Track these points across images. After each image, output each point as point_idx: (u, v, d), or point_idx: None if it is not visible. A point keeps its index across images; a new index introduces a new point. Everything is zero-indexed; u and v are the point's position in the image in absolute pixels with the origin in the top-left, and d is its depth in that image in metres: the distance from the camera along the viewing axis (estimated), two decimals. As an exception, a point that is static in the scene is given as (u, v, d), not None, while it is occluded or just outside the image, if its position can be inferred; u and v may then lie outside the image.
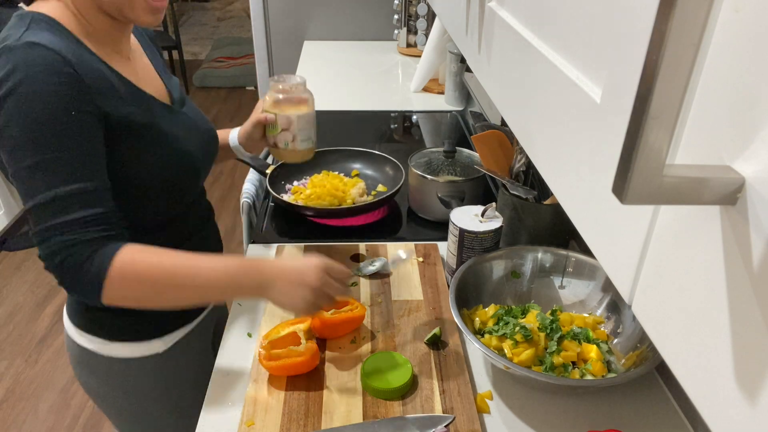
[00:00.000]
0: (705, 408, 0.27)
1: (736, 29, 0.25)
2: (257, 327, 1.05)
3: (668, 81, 0.22)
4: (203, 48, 5.95)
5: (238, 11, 6.97)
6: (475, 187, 1.32)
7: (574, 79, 0.40)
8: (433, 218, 1.35)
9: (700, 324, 0.27)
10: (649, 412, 0.89)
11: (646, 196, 0.24)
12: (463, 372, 0.93)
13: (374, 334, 1.02)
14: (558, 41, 0.45)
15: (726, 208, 0.25)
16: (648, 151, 0.23)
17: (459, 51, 1.93)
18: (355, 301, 1.03)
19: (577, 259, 1.05)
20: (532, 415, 0.89)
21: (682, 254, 0.29)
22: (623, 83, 0.33)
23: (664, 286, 0.30)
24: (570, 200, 0.43)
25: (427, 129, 1.93)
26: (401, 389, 0.89)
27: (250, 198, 1.54)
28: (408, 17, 2.49)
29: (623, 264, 0.35)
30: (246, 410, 0.86)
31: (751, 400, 0.24)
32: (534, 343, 0.92)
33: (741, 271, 0.24)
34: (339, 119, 1.95)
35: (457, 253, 1.09)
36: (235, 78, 5.02)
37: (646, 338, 0.89)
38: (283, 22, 2.71)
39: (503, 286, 1.07)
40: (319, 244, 1.25)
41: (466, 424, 0.85)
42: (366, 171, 1.53)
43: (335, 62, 2.49)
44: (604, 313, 1.01)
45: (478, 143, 1.20)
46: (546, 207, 1.14)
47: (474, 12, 0.71)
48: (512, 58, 0.55)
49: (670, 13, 0.21)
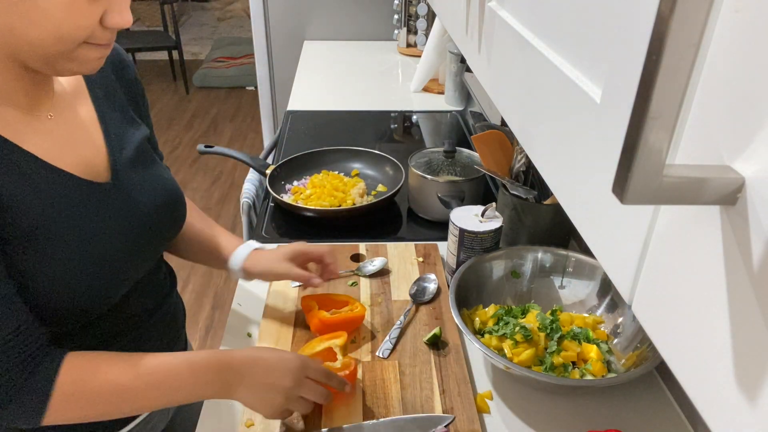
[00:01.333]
0: (705, 408, 0.27)
1: (736, 29, 0.25)
2: (257, 327, 1.04)
3: (668, 81, 0.22)
4: (203, 48, 5.95)
5: (238, 11, 6.97)
6: (475, 187, 1.32)
7: (574, 79, 0.40)
8: (433, 218, 1.35)
9: (700, 324, 0.27)
10: (649, 412, 0.89)
11: (646, 196, 0.24)
12: (463, 372, 0.93)
13: (374, 334, 1.02)
14: (558, 41, 0.45)
15: (726, 208, 0.25)
16: (648, 151, 0.23)
17: (459, 51, 1.93)
18: (355, 301, 1.03)
19: (577, 259, 1.05)
20: (532, 415, 0.89)
21: (682, 254, 0.29)
22: (623, 83, 0.33)
23: (664, 286, 0.30)
24: (570, 200, 0.43)
25: (427, 129, 1.93)
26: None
27: (250, 198, 1.54)
28: (408, 17, 2.49)
29: (623, 264, 0.35)
30: (246, 410, 0.86)
31: (751, 400, 0.24)
32: (534, 343, 0.92)
33: (741, 271, 0.24)
34: (339, 119, 1.95)
35: (457, 253, 1.09)
36: (235, 78, 5.02)
37: (646, 338, 0.89)
38: (283, 22, 2.71)
39: (503, 286, 1.07)
40: (319, 244, 1.25)
41: (466, 424, 0.85)
42: (366, 171, 1.53)
43: (335, 62, 2.49)
44: (604, 313, 1.01)
45: (478, 143, 1.20)
46: (546, 207, 1.14)
47: (474, 12, 0.71)
48: (512, 58, 0.55)
49: (670, 13, 0.21)
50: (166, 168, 0.91)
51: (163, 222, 0.82)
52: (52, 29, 0.58)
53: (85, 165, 0.72)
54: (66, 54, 0.61)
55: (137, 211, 0.77)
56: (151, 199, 0.80)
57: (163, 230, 0.83)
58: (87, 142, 0.73)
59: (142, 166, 0.81)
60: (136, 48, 4.76)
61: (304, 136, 1.82)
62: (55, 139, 0.69)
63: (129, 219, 0.75)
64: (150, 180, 0.81)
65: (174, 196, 0.85)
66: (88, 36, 0.61)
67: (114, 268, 0.73)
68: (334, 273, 1.01)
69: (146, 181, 0.80)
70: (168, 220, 0.83)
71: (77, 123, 0.73)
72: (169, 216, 0.83)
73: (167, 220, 0.83)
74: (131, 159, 0.79)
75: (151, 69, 5.52)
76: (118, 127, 0.79)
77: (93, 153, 0.74)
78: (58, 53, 0.60)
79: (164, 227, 0.83)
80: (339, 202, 1.34)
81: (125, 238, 0.74)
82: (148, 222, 0.78)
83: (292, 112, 1.99)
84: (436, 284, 1.12)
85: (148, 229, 0.79)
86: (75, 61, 0.62)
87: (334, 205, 1.33)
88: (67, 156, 0.70)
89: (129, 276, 0.77)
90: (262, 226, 1.34)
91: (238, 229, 3.12)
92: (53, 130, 0.69)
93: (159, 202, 0.81)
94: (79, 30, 0.59)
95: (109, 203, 0.73)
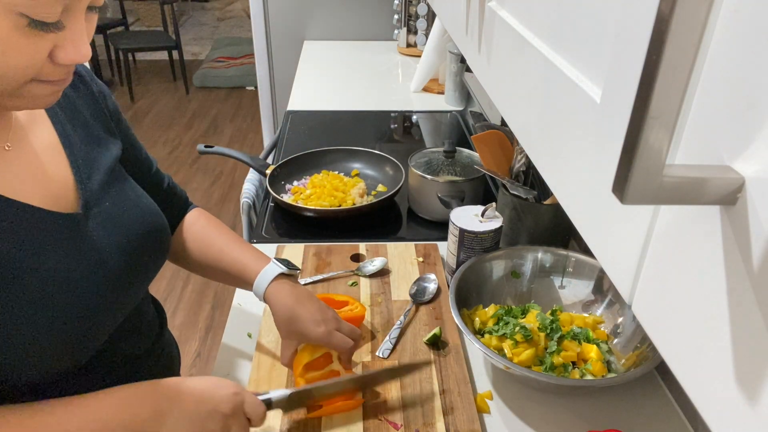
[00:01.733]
0: (705, 408, 0.27)
1: (736, 29, 0.25)
2: (257, 327, 1.04)
3: (668, 81, 0.22)
4: (203, 48, 5.96)
5: (238, 11, 6.97)
6: (475, 187, 1.32)
7: (574, 79, 0.40)
8: (433, 218, 1.35)
9: (700, 324, 0.27)
10: (649, 412, 0.89)
11: (646, 196, 0.24)
12: (463, 372, 0.93)
13: (374, 334, 1.02)
14: (558, 41, 0.45)
15: (726, 208, 0.25)
16: (648, 151, 0.23)
17: (459, 51, 1.93)
18: (355, 301, 1.03)
19: (577, 259, 1.05)
20: (532, 415, 0.89)
21: (682, 254, 0.29)
22: (623, 83, 0.33)
23: (664, 286, 0.30)
24: (570, 200, 0.43)
25: (427, 129, 1.93)
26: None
27: (250, 198, 1.54)
28: (408, 17, 2.49)
29: (623, 264, 0.35)
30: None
31: (751, 400, 0.24)
32: (534, 343, 0.92)
33: (741, 271, 0.24)
34: (339, 119, 1.95)
35: (457, 253, 1.09)
36: (235, 78, 5.02)
37: (646, 338, 0.89)
38: (283, 22, 2.71)
39: (503, 286, 1.07)
40: (319, 244, 1.25)
41: (466, 424, 0.85)
42: (366, 171, 1.53)
43: (335, 62, 2.49)
44: (604, 313, 1.01)
45: (478, 143, 1.20)
46: (546, 207, 1.14)
47: (474, 12, 0.71)
48: (512, 58, 0.55)
49: (670, 13, 0.21)
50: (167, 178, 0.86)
51: (145, 252, 0.73)
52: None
53: (51, 196, 0.64)
54: (10, 92, 0.53)
55: (113, 243, 0.68)
56: (129, 227, 0.71)
57: (149, 258, 0.74)
58: (51, 170, 0.65)
59: (116, 191, 0.72)
60: (136, 48, 4.76)
61: (304, 136, 1.82)
62: (15, 172, 0.61)
63: (104, 252, 0.67)
64: (126, 206, 0.72)
65: (155, 224, 0.76)
66: (36, 74, 0.53)
67: (94, 311, 0.64)
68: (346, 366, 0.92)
69: (121, 207, 0.72)
70: (150, 250, 0.74)
71: (38, 151, 0.65)
72: (150, 245, 0.74)
73: (149, 250, 0.74)
74: (102, 184, 0.70)
75: (151, 69, 5.52)
76: (85, 150, 0.70)
77: (59, 182, 0.66)
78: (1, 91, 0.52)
79: (147, 259, 0.74)
80: (339, 202, 1.34)
81: (102, 272, 0.66)
82: (131, 249, 0.70)
83: (292, 112, 1.99)
84: (436, 284, 1.12)
85: (126, 263, 0.70)
86: (23, 98, 0.54)
87: (334, 205, 1.33)
88: (29, 188, 0.62)
89: (110, 317, 0.68)
90: (262, 226, 1.34)
91: (238, 229, 3.12)
92: (12, 162, 0.61)
93: (138, 230, 0.72)
94: (18, 70, 0.51)
95: (79, 236, 0.65)
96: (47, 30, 0.50)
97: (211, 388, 0.69)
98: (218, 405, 0.68)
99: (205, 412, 0.67)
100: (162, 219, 0.78)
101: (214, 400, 0.68)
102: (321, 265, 1.18)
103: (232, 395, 0.69)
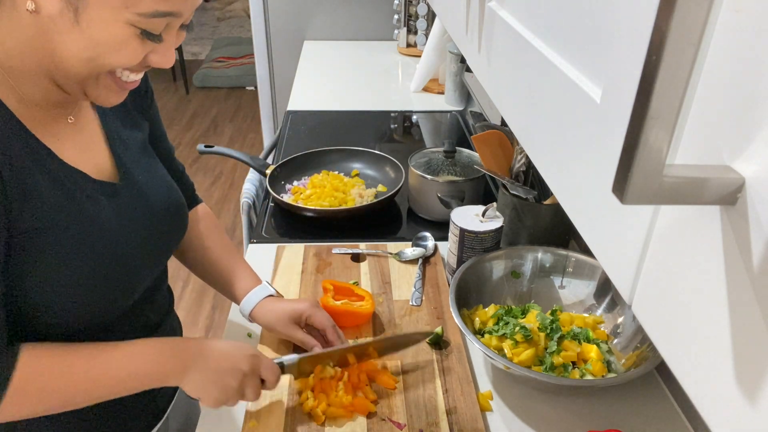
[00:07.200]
0: (705, 408, 0.27)
1: (736, 29, 0.25)
2: (257, 327, 1.04)
3: (668, 81, 0.22)
4: (203, 48, 5.95)
5: (238, 11, 6.97)
6: (475, 187, 1.32)
7: (574, 79, 0.40)
8: (433, 218, 1.35)
9: (700, 324, 0.27)
10: (649, 412, 0.89)
11: (646, 196, 0.24)
12: (465, 371, 0.93)
13: (376, 334, 1.02)
14: (558, 41, 0.45)
15: (726, 208, 0.25)
16: (648, 151, 0.23)
17: (459, 51, 1.93)
18: (369, 299, 1.03)
19: (577, 259, 1.05)
20: (532, 415, 0.89)
21: (682, 254, 0.29)
22: (623, 83, 0.33)
23: (664, 286, 0.30)
24: (570, 200, 0.43)
25: (427, 129, 1.93)
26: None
27: (250, 198, 1.54)
28: (408, 17, 2.49)
29: (623, 264, 0.35)
30: (247, 411, 0.86)
31: (751, 400, 0.24)
32: (534, 343, 0.92)
33: (741, 271, 0.24)
34: (339, 119, 1.95)
35: (457, 253, 1.09)
36: (235, 78, 5.02)
37: (646, 338, 0.89)
38: (283, 22, 2.71)
39: (503, 286, 1.07)
40: (319, 244, 1.25)
41: (470, 423, 0.85)
42: (366, 171, 1.53)
43: (335, 62, 2.49)
44: (604, 313, 1.01)
45: (478, 143, 1.20)
46: (546, 207, 1.14)
47: (474, 12, 0.71)
48: (512, 58, 0.55)
49: (670, 13, 0.21)
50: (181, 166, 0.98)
51: (171, 222, 0.84)
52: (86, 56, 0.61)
53: (96, 166, 0.75)
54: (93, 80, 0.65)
55: (148, 210, 0.79)
56: (159, 198, 0.82)
57: (172, 231, 0.85)
58: (95, 144, 0.76)
59: (145, 166, 0.82)
60: (136, 48, 4.75)
61: (304, 136, 1.82)
62: (73, 142, 0.72)
63: (141, 218, 0.78)
64: (156, 180, 0.83)
65: (179, 200, 0.86)
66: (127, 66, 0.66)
67: (129, 267, 0.75)
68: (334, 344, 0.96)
69: (151, 181, 0.82)
70: (175, 221, 0.85)
71: (89, 131, 0.76)
72: (176, 216, 0.85)
73: (175, 221, 0.85)
74: (135, 160, 0.81)
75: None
76: (120, 129, 0.81)
77: (101, 155, 0.76)
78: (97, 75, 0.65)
79: (172, 228, 0.85)
80: (339, 202, 1.34)
81: (139, 236, 0.77)
82: (158, 220, 0.81)
83: (292, 112, 1.99)
84: (433, 241, 1.23)
85: (158, 228, 0.80)
86: (99, 89, 0.66)
87: (334, 205, 1.33)
88: (81, 158, 0.73)
89: (143, 276, 0.78)
90: (262, 226, 1.34)
91: (238, 229, 3.12)
92: (71, 133, 0.72)
93: (165, 203, 0.83)
94: (121, 64, 0.64)
95: (122, 202, 0.76)
96: (152, 40, 0.64)
97: (233, 349, 0.78)
98: (238, 362, 0.77)
99: (225, 368, 0.76)
100: (182, 197, 0.88)
101: (234, 358, 0.77)
102: (321, 265, 1.18)
103: (251, 356, 0.78)
